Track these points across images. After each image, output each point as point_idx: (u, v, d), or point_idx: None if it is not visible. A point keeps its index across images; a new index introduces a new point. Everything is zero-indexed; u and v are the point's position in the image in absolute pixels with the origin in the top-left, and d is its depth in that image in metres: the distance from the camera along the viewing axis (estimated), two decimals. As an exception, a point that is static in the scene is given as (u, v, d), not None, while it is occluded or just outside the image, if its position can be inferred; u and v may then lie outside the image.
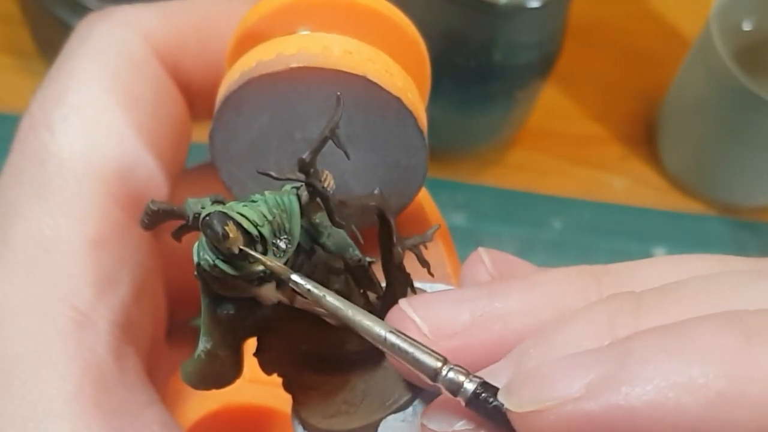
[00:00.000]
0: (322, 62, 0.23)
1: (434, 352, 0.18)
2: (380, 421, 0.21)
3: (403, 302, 0.20)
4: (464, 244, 0.27)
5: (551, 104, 0.67)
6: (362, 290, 0.22)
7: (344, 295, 0.21)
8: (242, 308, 0.21)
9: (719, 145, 0.63)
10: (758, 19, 0.60)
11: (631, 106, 0.69)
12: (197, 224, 0.19)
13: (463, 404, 0.18)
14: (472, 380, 0.18)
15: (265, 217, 0.19)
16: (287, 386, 0.23)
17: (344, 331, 0.21)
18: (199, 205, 0.19)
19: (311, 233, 0.21)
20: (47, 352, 0.23)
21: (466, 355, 0.19)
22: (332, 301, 0.19)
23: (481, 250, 0.22)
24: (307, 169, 0.20)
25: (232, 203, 0.19)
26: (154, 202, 0.20)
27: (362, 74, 0.23)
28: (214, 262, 0.19)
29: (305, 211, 0.20)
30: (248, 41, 0.24)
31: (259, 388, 0.31)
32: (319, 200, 0.20)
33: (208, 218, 0.18)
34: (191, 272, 0.20)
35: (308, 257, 0.21)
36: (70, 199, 0.24)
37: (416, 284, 0.23)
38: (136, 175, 0.25)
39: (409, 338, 0.19)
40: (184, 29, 0.27)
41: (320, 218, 0.21)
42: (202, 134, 0.27)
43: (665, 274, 0.19)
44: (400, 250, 0.22)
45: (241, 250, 0.19)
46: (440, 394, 0.19)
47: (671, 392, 0.16)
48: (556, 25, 0.56)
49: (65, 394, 0.23)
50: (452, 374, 0.18)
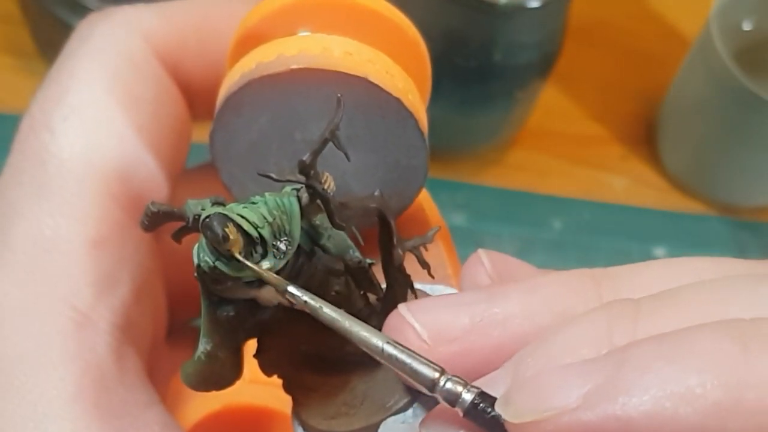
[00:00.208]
0: (322, 63, 0.23)
1: (432, 362, 0.18)
2: (380, 422, 0.21)
3: (402, 307, 0.20)
4: (464, 244, 0.27)
5: (551, 104, 0.67)
6: (362, 292, 0.22)
7: (344, 296, 0.21)
8: (242, 310, 0.21)
9: (719, 145, 0.63)
10: (758, 19, 0.60)
11: (631, 106, 0.69)
12: (197, 226, 0.19)
13: (461, 414, 0.18)
14: (469, 390, 0.18)
15: (265, 218, 0.19)
16: (287, 387, 0.23)
17: (344, 332, 0.21)
18: (199, 206, 0.19)
19: (311, 235, 0.21)
20: (47, 352, 0.23)
21: (465, 360, 0.19)
22: (329, 312, 0.19)
23: (480, 251, 0.22)
24: (307, 170, 0.20)
25: (232, 205, 0.19)
26: (154, 203, 0.20)
27: (363, 75, 0.23)
28: (214, 263, 0.19)
29: (305, 212, 0.20)
30: (249, 42, 0.24)
31: (259, 389, 0.31)
32: (319, 202, 0.20)
33: (208, 220, 0.18)
34: (191, 273, 0.20)
35: (308, 259, 0.21)
36: (70, 199, 0.24)
37: (416, 286, 0.23)
38: (136, 175, 0.25)
39: (406, 349, 0.19)
40: (184, 29, 0.27)
41: (320, 220, 0.21)
42: (202, 134, 0.27)
43: (664, 277, 0.19)
44: (400, 251, 0.22)
45: (239, 257, 0.19)
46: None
47: (668, 402, 0.16)
48: (556, 25, 0.56)
49: (65, 394, 0.23)
50: (450, 384, 0.18)
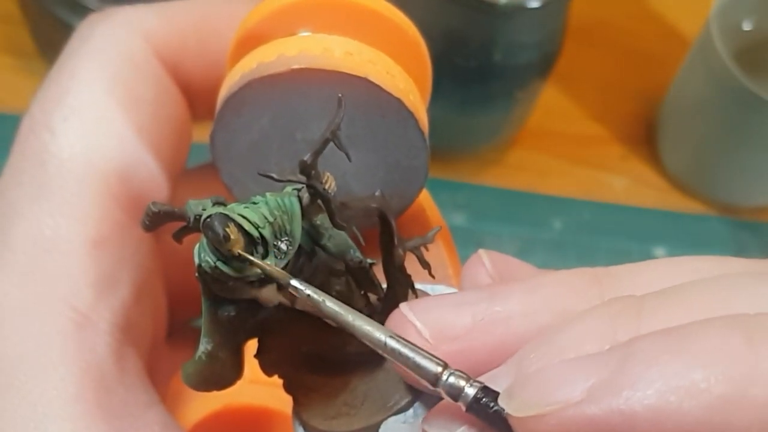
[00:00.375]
0: (323, 64, 0.23)
1: (434, 357, 0.18)
2: (381, 422, 0.21)
3: (403, 306, 0.20)
4: (464, 244, 0.27)
5: (551, 104, 0.67)
6: (363, 292, 0.22)
7: (345, 296, 0.21)
8: (243, 310, 0.21)
9: (719, 145, 0.63)
10: (758, 19, 0.60)
11: (631, 106, 0.69)
12: (198, 226, 0.19)
13: (463, 409, 0.18)
14: (472, 385, 0.18)
15: (266, 218, 0.19)
16: (288, 388, 0.23)
17: (345, 332, 0.21)
18: (200, 206, 0.19)
19: (312, 235, 0.21)
20: (47, 352, 0.23)
21: (467, 358, 0.19)
22: (332, 306, 0.19)
23: (481, 251, 0.22)
24: (308, 170, 0.20)
25: (233, 205, 0.19)
26: (155, 203, 0.20)
27: (363, 75, 0.23)
28: (214, 263, 0.19)
29: (306, 212, 0.20)
30: (249, 43, 0.24)
31: (259, 389, 0.30)
32: (320, 202, 0.20)
33: (209, 220, 0.18)
34: (192, 273, 0.20)
35: (309, 259, 0.21)
36: (70, 199, 0.24)
37: (417, 286, 0.23)
38: (136, 175, 0.25)
39: (409, 343, 0.19)
40: (184, 30, 0.27)
41: (321, 220, 0.21)
42: (202, 134, 0.27)
43: (665, 276, 0.19)
44: (401, 251, 0.22)
45: (240, 254, 0.19)
46: (441, 397, 0.19)
47: (673, 396, 0.16)
48: (556, 25, 0.56)
49: (66, 394, 0.23)
50: (453, 379, 0.18)
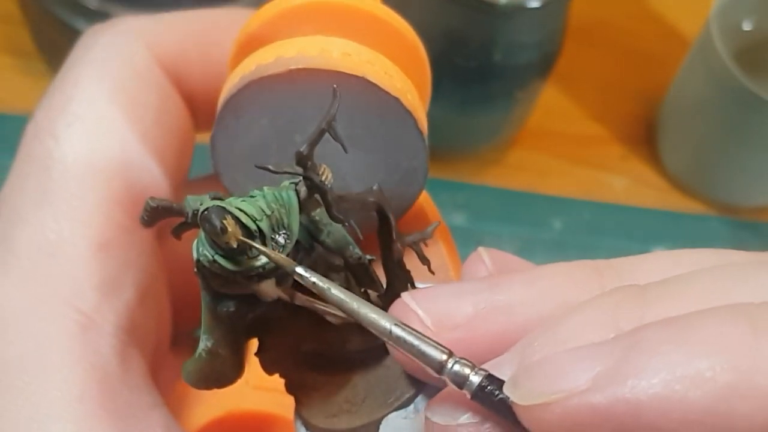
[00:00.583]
0: (320, 64, 0.23)
1: (439, 344, 0.18)
2: (382, 418, 0.21)
3: (405, 295, 0.20)
4: (464, 244, 0.27)
5: (551, 104, 0.67)
6: (363, 288, 0.22)
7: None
8: (242, 305, 0.21)
9: (719, 145, 0.63)
10: (758, 19, 0.60)
11: (631, 106, 0.70)
12: (196, 221, 0.19)
13: (468, 397, 0.18)
14: (477, 373, 0.18)
15: (263, 211, 0.19)
16: (289, 387, 0.23)
17: (345, 330, 0.21)
18: (198, 202, 0.19)
19: (310, 230, 0.21)
20: (51, 354, 0.23)
21: (468, 347, 0.19)
22: (337, 293, 0.19)
23: (481, 249, 0.22)
24: (304, 162, 0.20)
25: (230, 198, 0.19)
26: (153, 198, 0.20)
27: (361, 75, 0.23)
28: (213, 257, 0.19)
29: (304, 206, 0.20)
30: (249, 47, 0.24)
31: (263, 395, 0.30)
32: (317, 196, 0.20)
33: (206, 212, 0.18)
34: (194, 280, 0.20)
35: (307, 254, 0.21)
36: (74, 203, 0.24)
37: (417, 285, 0.23)
38: (140, 180, 0.26)
39: (414, 331, 0.19)
40: (187, 39, 0.28)
41: (319, 215, 0.21)
42: (202, 135, 0.27)
43: (666, 268, 0.19)
44: (399, 246, 0.22)
45: (241, 241, 0.19)
46: (443, 389, 0.19)
47: (678, 385, 0.16)
48: (556, 25, 0.56)
49: (69, 395, 0.23)
50: (458, 367, 0.18)
